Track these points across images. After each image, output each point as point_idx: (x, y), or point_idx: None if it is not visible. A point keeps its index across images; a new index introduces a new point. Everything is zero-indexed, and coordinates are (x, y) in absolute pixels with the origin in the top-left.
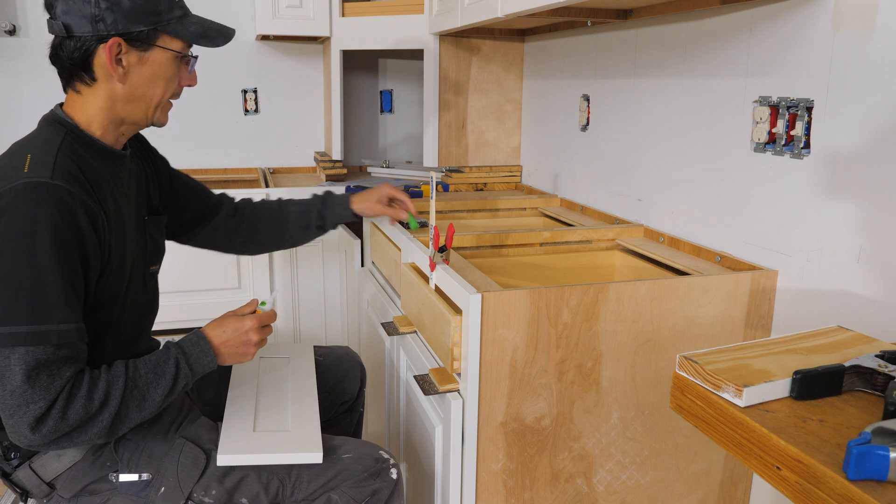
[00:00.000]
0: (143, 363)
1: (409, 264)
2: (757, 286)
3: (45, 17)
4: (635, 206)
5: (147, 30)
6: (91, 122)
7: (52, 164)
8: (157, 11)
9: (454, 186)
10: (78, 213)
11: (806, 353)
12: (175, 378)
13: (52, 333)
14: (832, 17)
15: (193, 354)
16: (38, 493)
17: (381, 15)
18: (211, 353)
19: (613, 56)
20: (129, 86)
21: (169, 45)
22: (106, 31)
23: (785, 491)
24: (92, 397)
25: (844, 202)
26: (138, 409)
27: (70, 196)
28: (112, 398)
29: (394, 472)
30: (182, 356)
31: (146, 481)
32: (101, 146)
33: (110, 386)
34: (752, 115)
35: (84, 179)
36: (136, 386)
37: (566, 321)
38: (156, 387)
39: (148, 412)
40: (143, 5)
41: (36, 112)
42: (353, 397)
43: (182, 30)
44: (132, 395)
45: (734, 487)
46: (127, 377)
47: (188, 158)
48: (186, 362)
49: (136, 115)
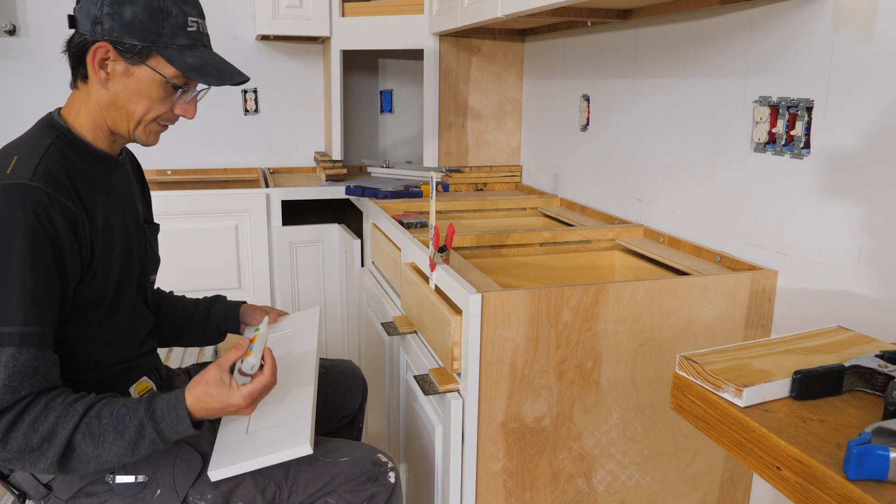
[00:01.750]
0: (108, 411)
1: (409, 264)
2: (757, 286)
3: (46, 17)
4: (635, 206)
5: (140, 45)
6: (83, 125)
7: (35, 166)
8: (156, 32)
9: (454, 186)
10: (55, 216)
11: (806, 353)
12: (135, 443)
13: (15, 336)
14: (832, 17)
15: (166, 420)
16: (36, 494)
17: (381, 15)
18: (186, 422)
19: (613, 56)
20: (111, 93)
21: (159, 68)
22: (100, 35)
23: (785, 491)
24: (36, 428)
25: (844, 202)
26: (95, 458)
27: (48, 198)
28: (57, 437)
29: (392, 475)
30: (150, 421)
31: (142, 483)
32: (93, 150)
33: (58, 423)
34: (752, 115)
35: (68, 183)
36: (90, 433)
37: (566, 321)
38: (114, 443)
39: (108, 463)
40: (143, 21)
41: (36, 112)
42: (354, 412)
43: (178, 58)
44: (83, 441)
45: (734, 487)
46: (82, 420)
47: (188, 158)
48: (155, 427)
49: (118, 126)
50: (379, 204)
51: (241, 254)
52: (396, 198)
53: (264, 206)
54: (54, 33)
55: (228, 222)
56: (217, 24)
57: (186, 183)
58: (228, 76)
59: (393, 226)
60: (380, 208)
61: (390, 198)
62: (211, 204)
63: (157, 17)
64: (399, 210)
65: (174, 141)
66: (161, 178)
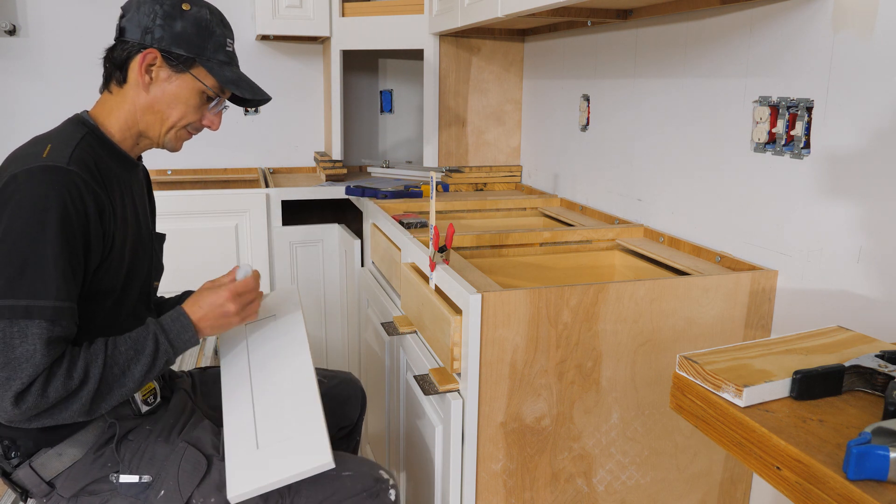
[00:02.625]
0: (122, 340)
1: (409, 264)
2: (757, 286)
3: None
4: (635, 206)
5: (186, 56)
6: (113, 126)
7: (70, 153)
8: (202, 46)
9: (454, 186)
10: (87, 201)
11: (806, 353)
12: (155, 354)
13: (48, 309)
14: (832, 17)
15: (173, 331)
16: (38, 492)
17: (381, 15)
18: (191, 329)
19: (613, 56)
20: (151, 97)
21: (201, 78)
22: (150, 43)
23: (785, 491)
24: (72, 375)
25: (844, 202)
26: (119, 385)
27: (83, 182)
28: (91, 376)
29: (392, 493)
30: (161, 332)
31: (146, 483)
32: (119, 150)
33: (89, 364)
34: (752, 114)
35: (98, 173)
36: (115, 363)
37: (566, 321)
38: (136, 363)
39: (129, 388)
40: (192, 35)
41: (35, 112)
42: (353, 423)
43: (218, 71)
44: (112, 372)
45: (734, 487)
46: (106, 354)
47: (188, 158)
48: (166, 338)
49: (151, 130)
50: (379, 204)
51: (241, 254)
52: (396, 198)
53: (264, 206)
54: (54, 33)
55: (228, 222)
56: None
57: (186, 183)
58: (259, 92)
59: (393, 226)
60: (380, 208)
61: (390, 198)
62: (211, 204)
63: (203, 33)
64: (399, 210)
65: None
66: (161, 178)
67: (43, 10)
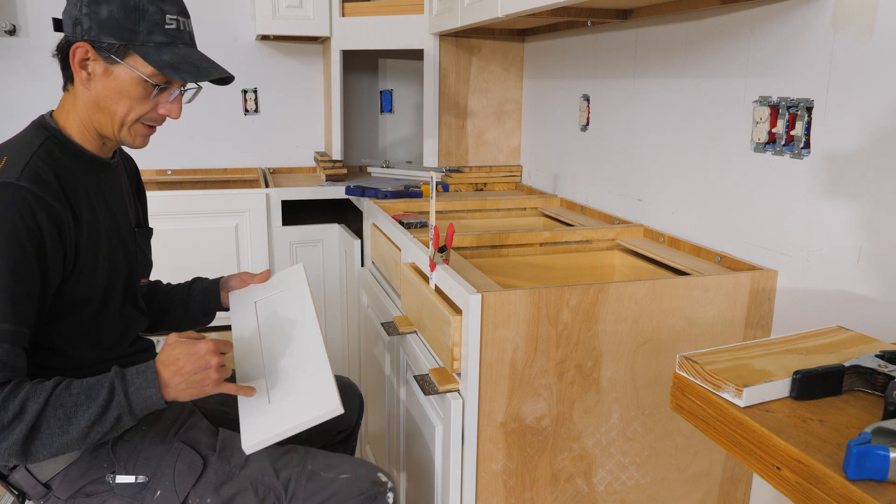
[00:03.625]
0: (78, 383)
1: (409, 264)
2: (757, 286)
3: (46, 17)
4: (635, 206)
5: (117, 44)
6: (72, 127)
7: (22, 166)
8: (132, 30)
9: (454, 186)
10: (40, 216)
11: (806, 353)
12: (106, 406)
13: None
14: (832, 17)
15: (135, 384)
16: (35, 494)
17: (381, 15)
18: (155, 385)
19: (613, 56)
20: (94, 94)
21: (137, 67)
22: (80, 35)
23: (785, 491)
24: (6, 407)
25: (844, 202)
26: (61, 432)
27: (34, 198)
28: (27, 412)
29: (390, 496)
30: (120, 382)
31: (142, 484)
32: (83, 152)
33: (28, 399)
34: (751, 115)
35: (56, 183)
36: (61, 404)
37: (566, 321)
38: (84, 410)
39: (72, 438)
40: (119, 20)
41: (35, 112)
42: (351, 427)
43: (154, 56)
44: (54, 414)
45: (734, 487)
46: (52, 394)
47: (188, 158)
48: (123, 390)
49: (104, 128)
50: (379, 204)
51: (242, 254)
52: (396, 198)
53: (264, 206)
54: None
55: (228, 222)
56: (217, 24)
57: (186, 183)
58: (206, 72)
59: (393, 226)
60: (380, 208)
61: (390, 198)
62: (211, 204)
63: (132, 14)
64: (399, 210)
65: (174, 141)
66: (161, 178)
67: (43, 10)
